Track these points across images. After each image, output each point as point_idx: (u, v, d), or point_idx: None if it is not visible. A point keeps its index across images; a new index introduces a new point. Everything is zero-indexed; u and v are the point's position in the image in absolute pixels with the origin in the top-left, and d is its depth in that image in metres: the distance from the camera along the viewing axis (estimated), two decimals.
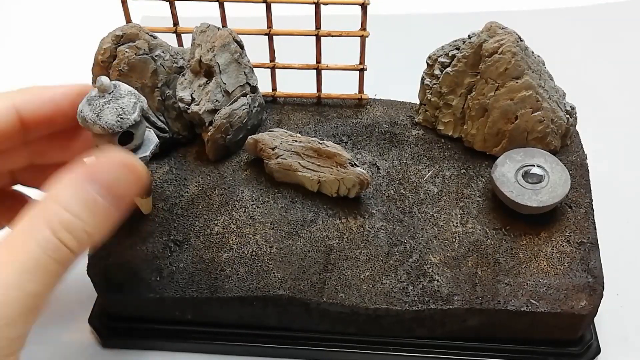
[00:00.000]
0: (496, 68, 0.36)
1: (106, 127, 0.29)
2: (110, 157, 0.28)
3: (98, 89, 0.29)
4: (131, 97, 0.29)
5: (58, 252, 0.26)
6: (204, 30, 0.36)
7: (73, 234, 0.26)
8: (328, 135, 0.40)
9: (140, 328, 0.39)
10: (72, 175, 0.27)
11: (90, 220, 0.27)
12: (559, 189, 0.35)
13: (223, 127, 0.36)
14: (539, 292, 0.34)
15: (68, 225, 0.26)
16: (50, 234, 0.26)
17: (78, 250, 0.27)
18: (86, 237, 0.27)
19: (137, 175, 0.28)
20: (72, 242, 0.26)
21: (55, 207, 0.26)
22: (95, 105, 0.29)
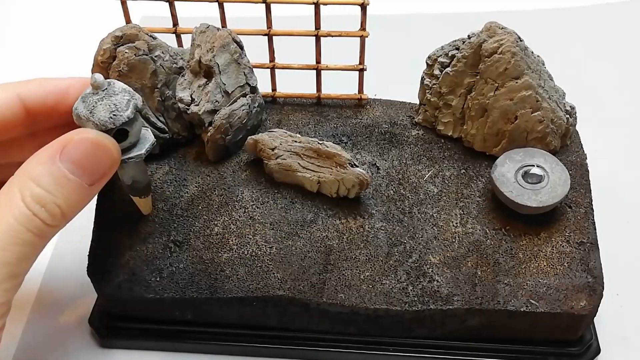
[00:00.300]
0: (496, 68, 0.36)
1: (99, 123, 0.29)
2: (82, 135, 0.29)
3: (92, 85, 0.29)
4: (125, 94, 0.29)
5: (31, 223, 0.28)
6: (203, 31, 0.36)
7: (45, 207, 0.28)
8: (328, 135, 0.40)
9: (140, 328, 0.39)
10: (45, 152, 0.29)
11: (60, 195, 0.29)
12: (559, 189, 0.35)
13: (223, 128, 0.36)
14: (539, 292, 0.34)
15: (40, 199, 0.28)
16: (23, 206, 0.28)
17: (51, 222, 0.29)
18: (57, 210, 0.29)
19: (109, 154, 0.30)
20: (44, 214, 0.28)
21: (29, 182, 0.28)
22: (88, 102, 0.29)
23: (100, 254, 0.37)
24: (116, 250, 0.37)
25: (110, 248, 0.37)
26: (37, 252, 0.29)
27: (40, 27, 0.63)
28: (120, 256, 0.36)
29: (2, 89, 0.31)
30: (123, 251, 0.36)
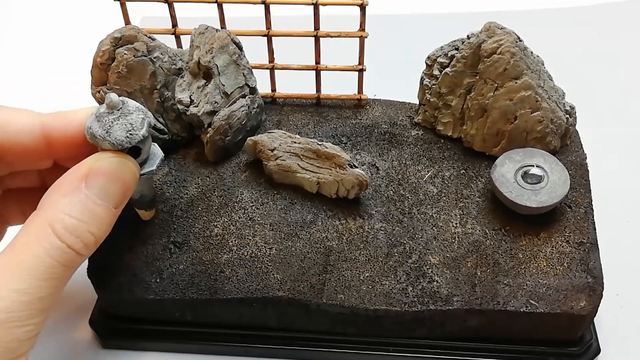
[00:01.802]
0: (495, 68, 0.36)
1: (116, 143, 0.29)
2: (105, 161, 0.30)
3: (107, 105, 0.29)
4: (139, 113, 0.30)
5: (64, 255, 0.28)
6: (202, 32, 0.36)
7: (80, 237, 0.28)
8: (327, 136, 0.40)
9: (140, 329, 0.39)
10: (68, 183, 0.29)
11: (93, 222, 0.29)
12: (559, 189, 0.35)
13: (222, 129, 0.36)
14: (539, 292, 0.34)
15: (74, 229, 0.28)
16: (56, 239, 0.28)
17: (85, 251, 0.29)
18: (92, 238, 0.29)
19: (132, 174, 0.30)
20: (79, 244, 0.28)
21: (59, 214, 0.28)
22: (104, 122, 0.29)
23: (101, 255, 0.37)
24: (116, 251, 0.37)
25: (110, 250, 0.37)
26: (66, 282, 0.29)
27: (40, 28, 0.63)
28: (120, 258, 0.36)
29: (27, 115, 0.31)
30: (123, 253, 0.37)
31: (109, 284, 0.36)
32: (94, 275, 0.37)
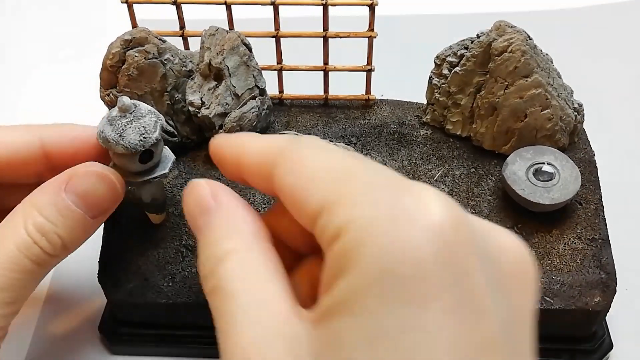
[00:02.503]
0: (505, 67, 0.36)
1: (129, 146, 0.29)
2: (88, 169, 0.30)
3: (119, 109, 0.29)
4: (152, 116, 0.30)
5: (30, 250, 0.28)
6: (212, 34, 0.36)
7: (46, 236, 0.29)
8: (337, 136, 0.40)
9: (151, 334, 0.38)
10: (51, 184, 0.29)
11: (62, 225, 0.29)
12: (570, 186, 0.35)
13: (233, 131, 0.36)
14: (553, 289, 0.34)
15: (41, 228, 0.28)
16: (24, 234, 0.28)
17: (51, 252, 0.29)
18: (58, 240, 0.29)
19: (113, 189, 0.30)
20: (44, 243, 0.29)
21: (33, 211, 0.29)
22: (117, 126, 0.29)
23: (111, 259, 0.36)
24: (127, 256, 0.36)
25: (120, 254, 0.36)
26: (36, 280, 0.30)
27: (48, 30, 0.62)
28: (131, 262, 0.36)
29: (26, 131, 0.31)
30: (134, 257, 0.36)
31: (120, 289, 0.36)
32: (105, 280, 0.36)
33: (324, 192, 0.21)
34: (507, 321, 0.20)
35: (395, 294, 0.18)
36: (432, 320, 0.18)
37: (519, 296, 0.21)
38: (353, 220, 0.19)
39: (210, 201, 0.25)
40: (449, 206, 0.20)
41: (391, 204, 0.19)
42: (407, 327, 0.18)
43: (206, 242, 0.24)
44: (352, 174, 0.21)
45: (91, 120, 0.51)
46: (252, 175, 0.25)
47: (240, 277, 0.23)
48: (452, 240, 0.19)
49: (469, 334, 0.18)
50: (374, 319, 0.19)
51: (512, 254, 0.22)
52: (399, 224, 0.19)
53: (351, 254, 0.19)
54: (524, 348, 0.21)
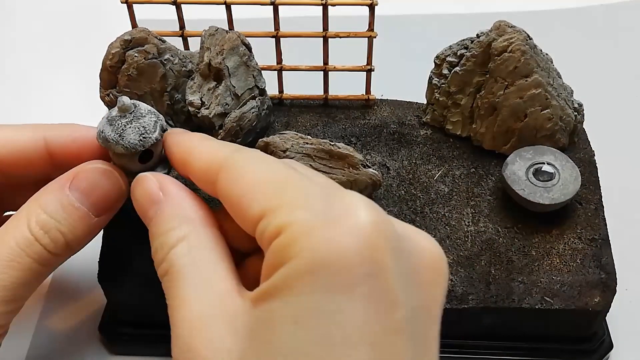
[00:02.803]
0: (506, 67, 0.36)
1: (129, 146, 0.29)
2: (92, 166, 0.30)
3: (119, 109, 0.29)
4: (151, 115, 0.30)
5: (32, 247, 0.28)
6: (212, 34, 0.36)
7: (48, 233, 0.28)
8: (337, 136, 0.40)
9: (151, 334, 0.38)
10: (56, 182, 0.29)
11: (66, 222, 0.29)
12: (570, 186, 0.35)
13: (233, 131, 0.36)
14: (553, 289, 0.34)
15: (43, 225, 0.28)
16: (26, 230, 0.28)
17: (53, 249, 0.29)
18: (61, 237, 0.29)
19: (118, 186, 0.30)
20: (46, 240, 0.28)
21: (36, 209, 0.29)
22: (117, 126, 0.29)
23: (111, 260, 0.36)
24: (127, 256, 0.36)
25: (120, 254, 0.36)
26: (38, 279, 0.29)
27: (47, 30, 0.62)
28: (131, 262, 0.36)
29: (31, 130, 0.31)
30: (134, 257, 0.36)
31: (120, 289, 0.36)
32: (104, 281, 0.36)
33: (264, 200, 0.24)
34: (416, 309, 0.23)
35: (320, 282, 0.21)
36: (349, 305, 0.21)
37: (429, 292, 0.24)
38: (290, 223, 0.22)
39: (158, 192, 0.28)
40: (373, 211, 0.23)
41: (323, 208, 0.23)
42: (327, 310, 0.21)
43: (157, 232, 0.27)
44: (290, 184, 0.24)
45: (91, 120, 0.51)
46: (198, 178, 0.28)
47: (188, 260, 0.25)
48: (372, 240, 0.22)
49: (380, 319, 0.21)
50: (300, 303, 0.22)
51: (427, 252, 0.25)
52: (329, 225, 0.22)
53: (288, 249, 0.22)
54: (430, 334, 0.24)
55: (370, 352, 0.21)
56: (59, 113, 0.53)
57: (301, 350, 0.21)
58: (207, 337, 0.23)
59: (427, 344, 0.23)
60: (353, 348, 0.21)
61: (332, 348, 0.21)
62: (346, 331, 0.21)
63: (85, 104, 0.53)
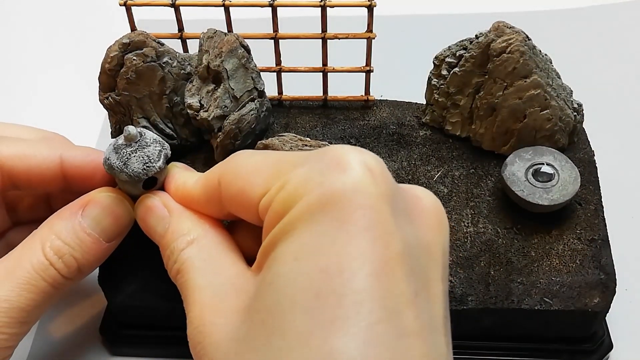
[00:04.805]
0: (504, 67, 0.36)
1: (133, 175, 0.30)
2: (104, 194, 0.31)
3: (125, 138, 0.30)
4: (156, 145, 0.31)
5: (47, 271, 0.30)
6: (211, 36, 0.36)
7: (62, 258, 0.30)
8: (336, 137, 0.40)
9: (152, 336, 0.38)
10: (69, 209, 0.31)
11: (79, 248, 0.30)
12: (570, 186, 0.35)
13: (232, 133, 0.36)
14: (553, 290, 0.34)
15: (58, 250, 0.30)
16: (42, 255, 0.30)
17: (67, 274, 0.30)
18: (74, 263, 0.30)
19: (127, 214, 0.32)
20: (60, 265, 0.30)
21: (50, 234, 0.30)
22: (122, 154, 0.30)
23: (111, 263, 0.36)
24: (127, 259, 0.36)
25: (121, 257, 0.36)
26: (50, 302, 0.31)
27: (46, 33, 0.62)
28: (131, 264, 0.36)
29: (47, 148, 0.32)
30: (134, 260, 0.36)
31: (121, 291, 0.36)
32: (105, 283, 0.36)
33: (264, 179, 0.25)
34: (414, 247, 0.23)
35: (318, 219, 0.22)
36: (346, 237, 0.22)
37: (428, 232, 0.25)
38: (290, 179, 0.24)
39: (164, 209, 0.30)
40: (364, 155, 0.24)
41: (318, 160, 0.24)
42: (325, 243, 0.22)
43: (168, 241, 0.29)
44: (284, 159, 0.26)
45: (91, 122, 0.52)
46: (201, 205, 0.29)
47: (198, 256, 0.27)
48: (364, 178, 0.23)
49: (377, 250, 0.22)
50: (299, 240, 0.23)
51: (423, 199, 0.26)
52: (324, 171, 0.23)
53: (289, 199, 0.23)
54: (432, 274, 0.24)
55: (368, 282, 0.21)
56: (58, 116, 0.53)
57: (300, 284, 0.22)
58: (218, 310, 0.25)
59: (429, 283, 0.24)
60: (351, 278, 0.21)
61: (330, 278, 0.21)
62: (343, 262, 0.22)
63: (85, 107, 0.53)
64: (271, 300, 0.23)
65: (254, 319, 0.23)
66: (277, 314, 0.22)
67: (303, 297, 0.22)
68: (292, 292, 0.22)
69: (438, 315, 0.24)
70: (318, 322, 0.21)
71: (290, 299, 0.22)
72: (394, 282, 0.22)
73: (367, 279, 0.21)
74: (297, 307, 0.22)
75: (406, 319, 0.22)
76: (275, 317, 0.22)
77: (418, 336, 0.22)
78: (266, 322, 0.22)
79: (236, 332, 0.24)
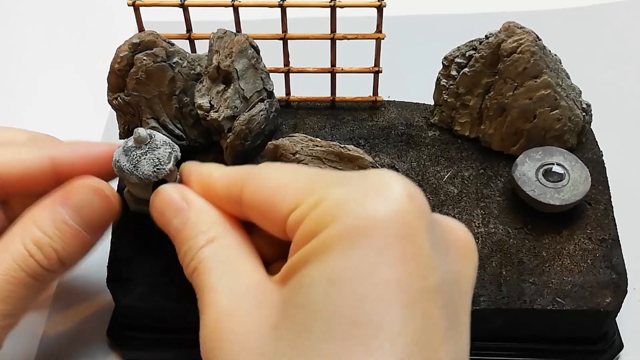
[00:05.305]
0: (515, 68, 0.36)
1: (143, 177, 0.30)
2: (84, 182, 0.31)
3: (135, 140, 0.30)
4: (166, 147, 0.30)
5: (27, 262, 0.29)
6: (221, 37, 0.35)
7: (42, 249, 0.29)
8: (345, 138, 0.40)
9: (160, 339, 0.38)
10: (49, 198, 0.30)
11: (58, 239, 0.30)
12: (580, 186, 0.35)
13: (242, 134, 0.36)
14: (564, 290, 0.34)
15: (37, 241, 0.29)
16: (21, 246, 0.29)
17: (47, 265, 0.29)
18: (54, 254, 0.29)
19: (109, 204, 0.31)
20: (40, 256, 0.29)
21: (30, 224, 0.29)
22: (132, 156, 0.30)
23: (119, 265, 0.36)
24: (135, 261, 0.36)
25: (129, 258, 0.36)
26: (33, 294, 0.30)
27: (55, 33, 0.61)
28: (139, 267, 0.36)
29: (37, 149, 0.32)
30: (142, 262, 0.36)
31: (129, 294, 0.36)
32: (113, 285, 0.36)
33: (296, 193, 0.24)
34: (447, 280, 0.23)
35: (356, 244, 0.22)
36: (384, 266, 0.22)
37: (460, 266, 0.25)
38: (327, 196, 0.23)
39: (182, 202, 0.29)
40: (406, 184, 0.24)
41: (359, 183, 0.24)
42: (363, 271, 0.22)
43: (185, 237, 0.28)
44: (320, 175, 0.25)
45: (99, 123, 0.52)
46: (221, 198, 0.28)
47: (217, 256, 0.26)
48: (406, 206, 0.23)
49: (413, 281, 0.22)
50: (336, 263, 0.22)
51: (456, 231, 0.26)
52: (365, 195, 0.23)
53: (325, 217, 0.23)
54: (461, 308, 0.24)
55: (404, 313, 0.21)
56: (66, 117, 0.53)
57: (335, 310, 0.21)
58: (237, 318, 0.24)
59: (459, 317, 0.24)
60: (387, 308, 0.21)
61: (368, 307, 0.21)
62: (380, 291, 0.21)
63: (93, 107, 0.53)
64: (302, 322, 0.22)
65: (282, 337, 0.23)
66: (309, 337, 0.22)
67: (339, 324, 0.21)
68: (326, 317, 0.21)
69: (464, 348, 0.24)
70: (353, 350, 0.21)
71: (325, 323, 0.21)
72: (428, 315, 0.22)
73: (404, 311, 0.21)
74: (331, 333, 0.21)
75: (438, 354, 0.22)
76: (306, 341, 0.22)
77: None
78: (296, 344, 0.22)
79: (261, 347, 0.23)
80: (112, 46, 0.35)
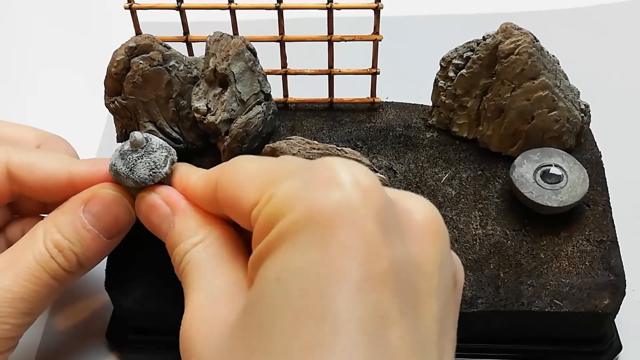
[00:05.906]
0: (512, 69, 0.36)
1: (139, 181, 0.30)
2: (105, 190, 0.32)
3: (131, 143, 0.30)
4: (162, 150, 0.31)
5: (49, 264, 0.30)
6: (217, 39, 0.35)
7: (62, 252, 0.30)
8: (342, 140, 0.40)
9: (158, 341, 0.38)
10: (71, 203, 0.32)
11: (78, 243, 0.31)
12: (578, 188, 0.35)
13: (239, 137, 0.36)
14: (562, 292, 0.34)
15: (58, 244, 0.30)
16: (43, 248, 0.30)
17: (67, 268, 0.31)
18: (74, 257, 0.31)
19: (128, 212, 0.32)
20: (61, 259, 0.30)
21: (52, 227, 0.31)
22: (128, 160, 0.30)
23: (118, 267, 0.36)
24: (134, 263, 0.36)
25: (127, 261, 0.36)
26: (53, 295, 0.31)
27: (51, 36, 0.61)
28: (138, 270, 0.36)
29: (58, 161, 0.32)
30: (141, 264, 0.36)
31: (127, 296, 0.36)
32: (112, 288, 0.36)
33: (255, 188, 0.25)
34: (402, 264, 0.22)
35: (302, 238, 0.22)
36: (328, 257, 0.21)
37: (420, 248, 0.24)
38: (277, 191, 0.23)
39: (166, 208, 0.30)
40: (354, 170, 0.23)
41: (305, 174, 0.23)
42: (306, 263, 0.21)
43: (175, 242, 0.29)
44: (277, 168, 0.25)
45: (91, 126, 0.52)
46: (200, 198, 0.29)
47: (202, 256, 0.27)
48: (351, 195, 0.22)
49: (360, 270, 0.21)
50: (281, 260, 0.22)
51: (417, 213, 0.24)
52: (310, 187, 0.23)
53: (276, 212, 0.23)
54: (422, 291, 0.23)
55: (348, 304, 0.21)
56: (63, 120, 0.52)
57: (281, 306, 0.21)
58: (206, 318, 0.25)
59: (418, 300, 0.23)
60: (330, 301, 0.21)
61: (310, 301, 0.21)
62: (324, 283, 0.21)
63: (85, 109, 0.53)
64: (253, 320, 0.22)
65: (237, 336, 0.23)
66: (258, 334, 0.22)
67: (283, 320, 0.21)
68: (273, 314, 0.21)
69: (429, 333, 0.22)
70: (297, 346, 0.20)
71: (271, 321, 0.21)
72: (376, 303, 0.21)
73: (348, 302, 0.21)
74: (277, 330, 0.21)
75: (390, 341, 0.21)
76: (256, 338, 0.22)
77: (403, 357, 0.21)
78: (247, 342, 0.22)
79: (219, 347, 0.23)
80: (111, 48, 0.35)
